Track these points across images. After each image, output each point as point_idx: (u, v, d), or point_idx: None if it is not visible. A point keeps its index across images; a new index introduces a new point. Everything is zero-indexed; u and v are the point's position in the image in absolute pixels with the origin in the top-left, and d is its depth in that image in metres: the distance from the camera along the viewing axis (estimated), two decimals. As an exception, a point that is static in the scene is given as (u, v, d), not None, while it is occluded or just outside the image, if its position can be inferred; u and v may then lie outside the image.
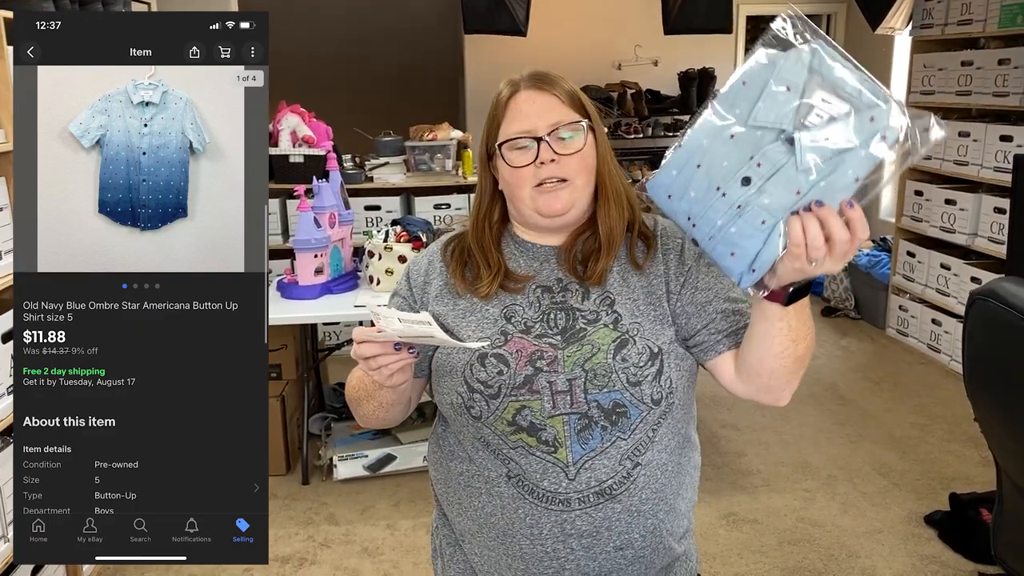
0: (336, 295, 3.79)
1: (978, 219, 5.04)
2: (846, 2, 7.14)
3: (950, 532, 3.40)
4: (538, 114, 1.41)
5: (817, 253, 1.11)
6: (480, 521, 1.45)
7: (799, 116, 1.10)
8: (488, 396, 1.38)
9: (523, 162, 1.41)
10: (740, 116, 1.14)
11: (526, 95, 1.44)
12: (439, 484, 1.57)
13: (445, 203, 5.16)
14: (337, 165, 4.13)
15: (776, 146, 1.11)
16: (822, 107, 1.10)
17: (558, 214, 1.42)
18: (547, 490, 1.38)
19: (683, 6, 5.69)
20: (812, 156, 1.09)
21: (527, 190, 1.42)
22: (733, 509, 3.64)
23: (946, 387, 4.96)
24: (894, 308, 5.91)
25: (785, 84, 1.11)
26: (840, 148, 1.09)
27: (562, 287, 1.45)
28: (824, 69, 1.10)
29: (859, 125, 1.09)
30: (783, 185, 1.11)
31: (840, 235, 1.11)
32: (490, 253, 1.48)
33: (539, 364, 1.38)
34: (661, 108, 7.11)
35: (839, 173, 1.10)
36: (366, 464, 3.95)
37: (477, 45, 6.95)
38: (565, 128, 1.41)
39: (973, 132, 5.07)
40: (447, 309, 1.46)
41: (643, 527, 1.42)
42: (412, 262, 1.57)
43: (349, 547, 3.43)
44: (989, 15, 4.93)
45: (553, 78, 1.45)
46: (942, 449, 4.18)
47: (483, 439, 1.42)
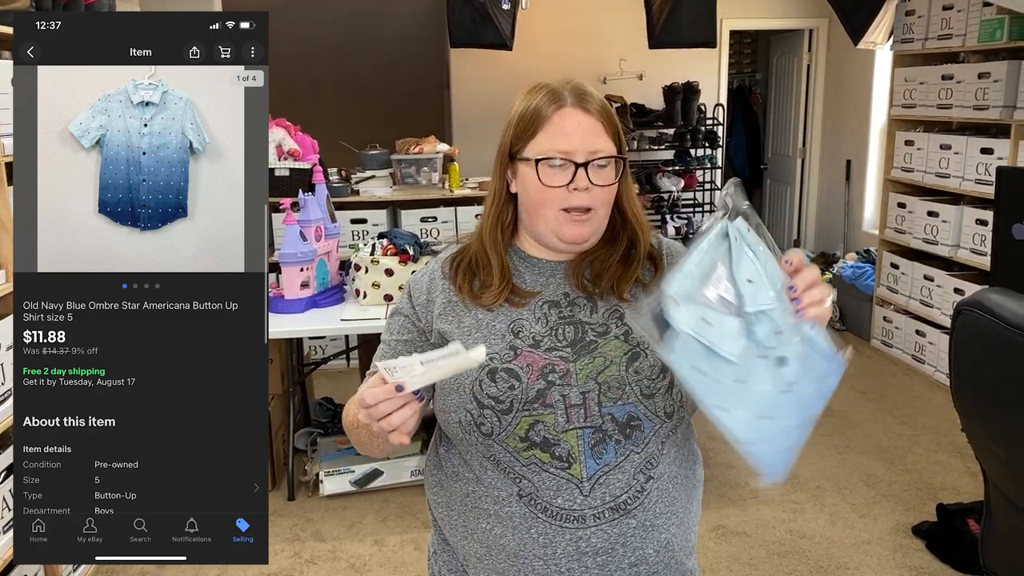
0: (322, 309, 3.78)
1: (960, 231, 5.09)
2: (828, 17, 7.21)
3: (938, 543, 3.41)
4: (581, 138, 1.38)
5: (823, 297, 1.17)
6: (488, 544, 1.40)
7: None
8: (500, 412, 1.35)
9: (557, 182, 1.38)
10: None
11: (571, 113, 1.40)
12: (439, 507, 1.51)
13: (432, 216, 5.17)
14: (323, 178, 4.12)
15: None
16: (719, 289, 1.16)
17: (582, 241, 1.42)
18: (561, 507, 1.35)
19: (667, 20, 5.73)
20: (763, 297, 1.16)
21: (553, 211, 1.40)
22: (722, 521, 3.64)
23: (931, 398, 4.99)
24: (879, 319, 5.95)
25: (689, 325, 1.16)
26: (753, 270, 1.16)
27: (569, 301, 1.43)
28: (684, 287, 1.16)
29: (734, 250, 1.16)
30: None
31: (809, 277, 1.17)
32: (503, 258, 1.46)
33: (551, 377, 1.36)
34: (646, 122, 7.15)
35: (771, 278, 1.16)
36: (353, 479, 3.93)
37: (463, 59, 6.98)
38: (604, 159, 1.39)
39: (954, 145, 5.13)
40: (452, 327, 1.43)
41: (657, 542, 1.39)
42: (411, 280, 1.54)
43: (336, 564, 3.40)
44: (969, 30, 5.00)
45: (593, 96, 1.42)
46: (929, 460, 4.21)
47: (493, 457, 1.38)
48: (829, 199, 7.71)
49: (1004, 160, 4.65)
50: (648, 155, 7.43)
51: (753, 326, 1.14)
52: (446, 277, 1.49)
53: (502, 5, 5.63)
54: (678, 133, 7.23)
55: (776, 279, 1.15)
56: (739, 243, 1.15)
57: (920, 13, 5.43)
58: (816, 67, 7.73)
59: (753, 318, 1.14)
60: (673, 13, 5.71)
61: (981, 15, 4.87)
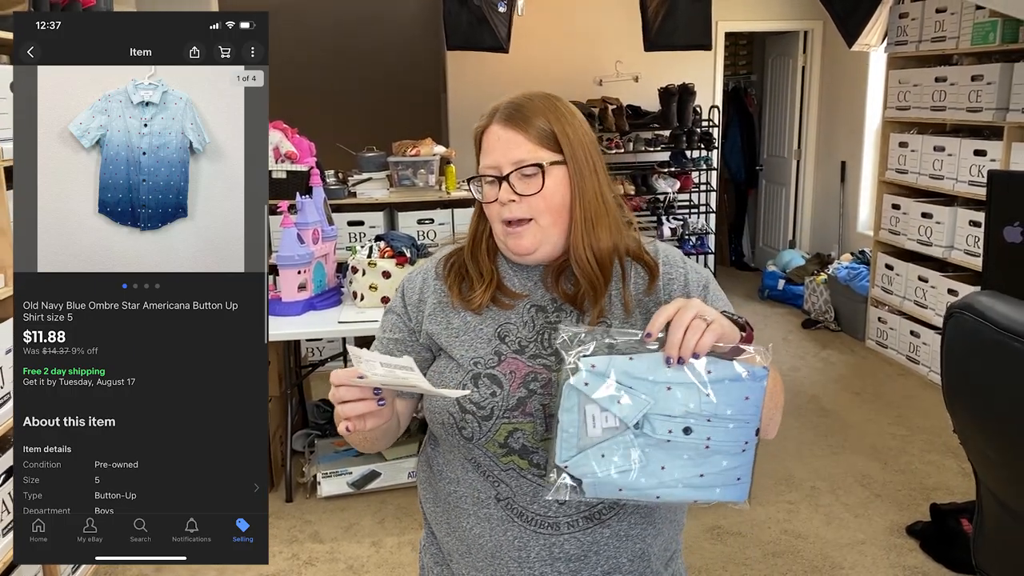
0: (319, 311, 3.78)
1: (954, 232, 5.11)
2: (823, 19, 7.23)
3: (931, 542, 3.43)
4: (503, 151, 1.39)
5: (684, 326, 1.18)
6: (468, 542, 1.44)
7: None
8: (481, 418, 1.36)
9: (491, 198, 1.40)
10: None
11: (493, 130, 1.41)
12: (428, 503, 1.55)
13: (428, 218, 5.16)
14: (320, 181, 4.12)
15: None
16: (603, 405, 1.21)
17: (525, 253, 1.41)
18: (536, 513, 1.37)
19: (663, 23, 5.73)
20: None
21: (498, 226, 1.42)
22: (718, 522, 3.65)
23: (925, 398, 5.01)
24: (873, 320, 5.97)
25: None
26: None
27: (556, 307, 1.43)
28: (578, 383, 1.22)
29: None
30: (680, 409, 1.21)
31: (661, 319, 1.20)
32: (483, 264, 1.47)
33: (533, 386, 1.36)
34: (642, 123, 7.17)
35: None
36: (350, 481, 3.93)
37: (460, 61, 6.99)
38: (529, 167, 1.37)
39: (948, 147, 5.16)
40: (440, 328, 1.44)
41: (631, 551, 1.41)
42: (406, 279, 1.55)
43: (334, 565, 3.40)
44: (962, 32, 5.02)
45: (527, 112, 1.40)
46: (923, 460, 4.22)
47: (474, 460, 1.40)
48: (824, 200, 7.73)
49: (997, 162, 4.67)
50: (644, 157, 7.44)
51: (643, 427, 1.21)
52: (439, 277, 1.50)
53: (498, 8, 5.63)
54: (674, 135, 7.25)
55: (646, 368, 1.20)
56: (589, 387, 1.21)
57: (914, 16, 5.45)
58: (811, 69, 7.75)
59: (643, 422, 1.20)
60: (668, 15, 5.72)
61: (974, 18, 4.89)
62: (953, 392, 2.06)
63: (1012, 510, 2.00)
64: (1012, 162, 4.56)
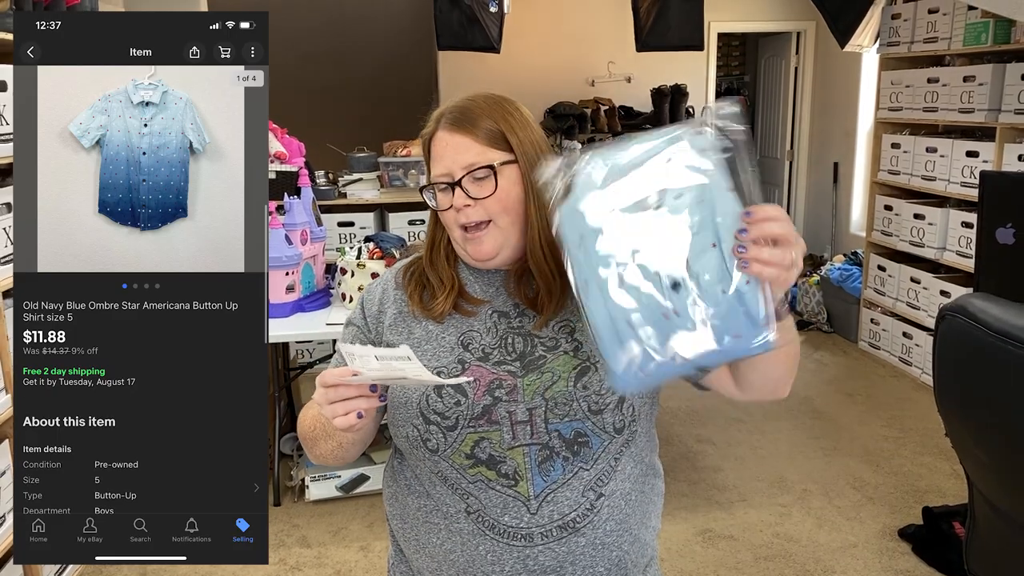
0: (308, 313, 3.75)
1: (946, 233, 5.13)
2: (815, 20, 7.25)
3: (923, 546, 3.43)
4: (452, 157, 1.37)
5: (783, 259, 1.05)
6: (439, 559, 1.40)
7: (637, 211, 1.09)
8: (445, 428, 1.34)
9: (445, 205, 1.38)
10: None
11: (441, 136, 1.40)
12: (395, 520, 1.51)
13: (419, 219, 5.16)
14: (309, 181, 4.11)
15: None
16: (639, 188, 1.09)
17: (487, 258, 1.39)
18: (508, 525, 1.34)
19: (655, 23, 5.75)
20: (684, 216, 1.07)
21: (456, 232, 1.40)
22: (709, 525, 3.65)
23: (918, 400, 5.02)
24: (866, 321, 5.98)
25: (590, 207, 1.11)
26: (688, 186, 1.07)
27: (519, 312, 1.42)
28: (609, 163, 1.10)
29: (674, 161, 1.08)
30: (701, 253, 1.07)
31: (774, 230, 1.05)
32: (443, 271, 1.45)
33: (498, 393, 1.35)
34: (634, 124, 7.17)
35: (712, 205, 1.07)
36: (339, 485, 3.90)
37: (451, 61, 6.98)
38: (478, 170, 1.36)
39: (940, 148, 5.17)
40: (402, 339, 1.43)
41: (608, 560, 1.39)
42: (366, 291, 1.53)
43: (321, 570, 3.37)
44: (954, 33, 5.04)
45: (473, 114, 1.39)
46: (915, 462, 4.23)
47: (440, 473, 1.38)
48: (817, 201, 7.75)
49: (989, 163, 4.69)
50: (636, 158, 7.44)
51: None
52: (399, 286, 1.49)
53: (489, 8, 5.63)
54: (666, 136, 7.24)
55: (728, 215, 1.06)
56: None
57: (906, 16, 5.47)
58: (804, 70, 7.77)
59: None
60: (661, 16, 5.73)
61: (966, 19, 4.91)
62: (944, 394, 2.07)
63: (1004, 513, 2.01)
64: (1004, 163, 4.58)
